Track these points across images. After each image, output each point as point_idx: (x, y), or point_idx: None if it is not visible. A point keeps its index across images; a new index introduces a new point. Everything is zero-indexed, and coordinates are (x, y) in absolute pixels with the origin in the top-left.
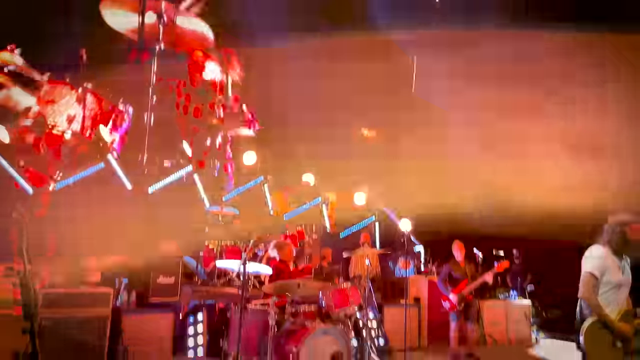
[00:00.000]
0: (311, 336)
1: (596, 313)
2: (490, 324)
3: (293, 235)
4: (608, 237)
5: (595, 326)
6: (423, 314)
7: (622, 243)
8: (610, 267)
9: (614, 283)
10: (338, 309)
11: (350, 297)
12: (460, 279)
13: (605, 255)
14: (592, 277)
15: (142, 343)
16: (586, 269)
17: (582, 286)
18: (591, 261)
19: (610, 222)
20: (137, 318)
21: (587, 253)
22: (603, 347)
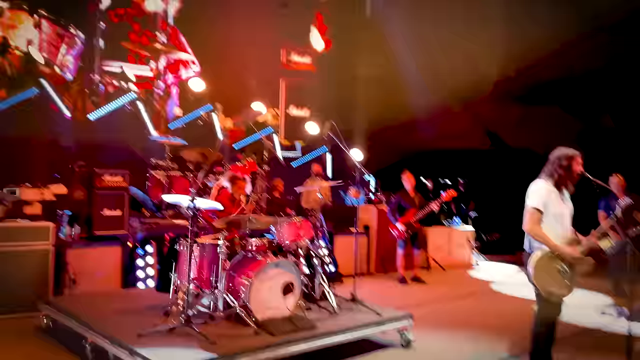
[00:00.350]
0: (263, 269)
1: (543, 243)
2: (435, 249)
3: (244, 166)
4: (552, 169)
5: (544, 258)
6: (372, 242)
7: (566, 176)
8: (553, 200)
9: (557, 214)
10: (290, 242)
11: (302, 230)
12: (408, 208)
13: (548, 188)
14: (537, 211)
15: (89, 277)
16: (530, 204)
17: (528, 220)
18: (535, 195)
19: (555, 155)
20: (83, 252)
21: (531, 187)
22: (551, 277)
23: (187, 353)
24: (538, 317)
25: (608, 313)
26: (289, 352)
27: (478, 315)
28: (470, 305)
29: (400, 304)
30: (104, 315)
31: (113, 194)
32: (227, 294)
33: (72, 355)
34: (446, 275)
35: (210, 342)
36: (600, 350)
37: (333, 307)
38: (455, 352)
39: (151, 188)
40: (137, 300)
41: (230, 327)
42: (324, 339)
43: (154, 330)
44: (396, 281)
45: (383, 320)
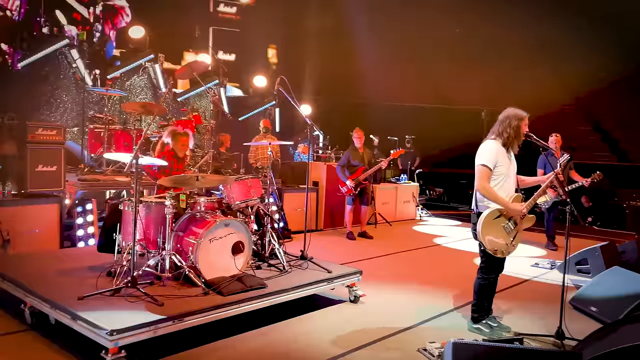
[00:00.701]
0: (212, 228)
1: (493, 200)
2: (381, 205)
3: (189, 120)
4: (501, 129)
5: (490, 216)
6: (321, 198)
7: (514, 137)
8: (502, 159)
9: (504, 173)
10: (239, 201)
11: (252, 188)
12: (358, 166)
13: (497, 147)
14: (487, 169)
15: (24, 236)
16: (480, 162)
17: (478, 178)
18: (485, 154)
19: (504, 115)
20: (16, 210)
21: (482, 146)
22: (496, 234)
23: (134, 315)
24: (482, 272)
25: (541, 265)
26: (239, 311)
27: (423, 269)
28: (416, 259)
29: (348, 259)
30: (42, 277)
31: (48, 149)
32: (174, 255)
33: (9, 319)
34: (392, 230)
35: (158, 304)
36: (535, 300)
37: (283, 265)
38: (401, 305)
39: (89, 142)
40: (77, 261)
41: (178, 288)
42: (273, 297)
43: (97, 292)
44: (344, 237)
45: (332, 277)
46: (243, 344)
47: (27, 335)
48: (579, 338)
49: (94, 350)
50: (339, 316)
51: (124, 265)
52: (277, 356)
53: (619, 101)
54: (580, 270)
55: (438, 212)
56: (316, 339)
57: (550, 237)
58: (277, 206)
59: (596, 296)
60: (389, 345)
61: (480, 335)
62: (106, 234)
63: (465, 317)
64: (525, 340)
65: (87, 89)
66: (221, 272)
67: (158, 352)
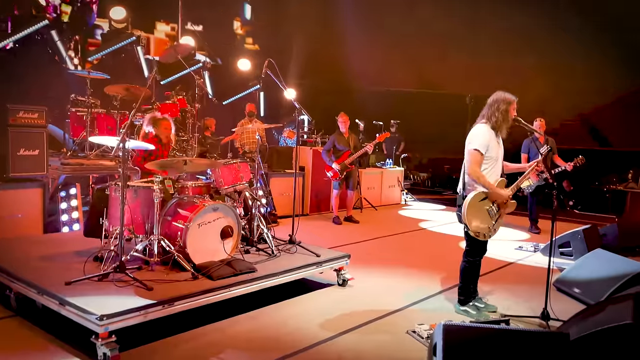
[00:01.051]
0: (200, 212)
1: (483, 184)
2: (367, 190)
3: (174, 103)
4: (490, 113)
5: (475, 199)
6: (307, 183)
7: (502, 121)
8: (491, 143)
9: (494, 158)
10: (227, 186)
11: (241, 173)
12: (343, 150)
13: (488, 132)
14: (479, 154)
15: (7, 222)
16: (473, 147)
17: (470, 163)
18: (477, 138)
19: (493, 99)
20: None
21: (473, 131)
22: (480, 217)
23: (123, 300)
24: (467, 255)
25: (525, 248)
26: (228, 295)
27: (409, 253)
28: (402, 243)
29: (335, 243)
30: (27, 262)
31: (29, 132)
32: (163, 239)
33: None
34: (378, 214)
35: (147, 289)
36: (520, 282)
37: (272, 249)
38: (389, 288)
39: (71, 125)
40: (62, 246)
41: (167, 273)
42: (263, 281)
43: (85, 277)
44: (330, 221)
45: (321, 261)
46: (232, 328)
47: (14, 321)
48: (563, 319)
49: (82, 335)
50: (327, 299)
51: (112, 250)
52: (267, 340)
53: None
54: (563, 253)
55: (423, 196)
56: (305, 322)
57: (533, 221)
58: (264, 191)
59: (579, 278)
60: (378, 328)
61: (467, 317)
62: (93, 218)
63: (452, 300)
64: (511, 321)
65: (69, 72)
66: (210, 256)
67: (147, 337)
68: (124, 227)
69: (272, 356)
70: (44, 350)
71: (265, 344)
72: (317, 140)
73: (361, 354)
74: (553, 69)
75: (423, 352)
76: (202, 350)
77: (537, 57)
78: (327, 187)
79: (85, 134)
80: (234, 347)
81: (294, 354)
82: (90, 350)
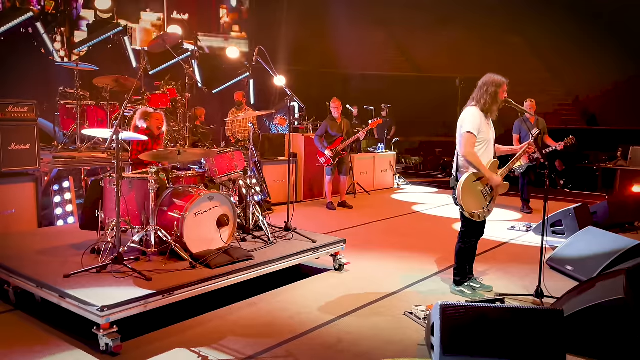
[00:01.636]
0: (196, 202)
1: (477, 167)
2: (360, 175)
3: (164, 94)
4: (478, 96)
5: (469, 180)
6: (300, 170)
7: (492, 103)
8: (482, 125)
9: (486, 139)
10: (222, 174)
11: (235, 161)
12: (336, 136)
13: (478, 114)
14: (472, 136)
15: (0, 216)
16: (465, 129)
17: (464, 145)
18: (468, 121)
19: (483, 82)
20: None
21: (464, 114)
22: (475, 198)
23: (122, 291)
24: (463, 236)
25: (517, 228)
26: (227, 283)
27: (403, 236)
28: (396, 227)
29: (330, 229)
30: (24, 256)
31: (20, 126)
32: (159, 230)
33: None
34: (371, 199)
35: (146, 279)
36: (513, 262)
37: (268, 236)
38: (385, 271)
39: (61, 118)
40: (58, 240)
41: (165, 263)
42: (260, 268)
43: (84, 269)
44: (324, 207)
45: (317, 246)
46: (233, 315)
47: (13, 315)
48: (557, 296)
49: (82, 326)
50: (325, 284)
51: (109, 242)
52: (267, 326)
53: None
54: (555, 232)
55: (415, 180)
56: (304, 307)
57: (525, 201)
58: (257, 179)
59: (571, 256)
60: (376, 310)
61: (463, 297)
62: (88, 211)
63: (448, 281)
64: (506, 300)
65: (56, 64)
66: (207, 245)
67: (148, 327)
68: (120, 218)
69: (273, 341)
70: (46, 344)
71: (266, 329)
72: (309, 127)
73: (360, 337)
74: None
75: (421, 332)
76: (203, 337)
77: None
78: (320, 174)
79: (76, 126)
80: (235, 334)
81: (294, 339)
82: (92, 342)
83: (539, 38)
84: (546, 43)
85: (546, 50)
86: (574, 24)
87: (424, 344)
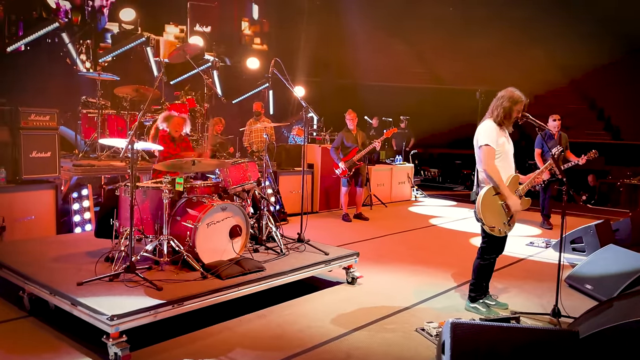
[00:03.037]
0: (209, 212)
1: (497, 184)
2: (376, 187)
3: (183, 103)
4: (494, 107)
5: (490, 195)
6: (316, 180)
7: (503, 117)
8: (501, 138)
9: (504, 152)
10: (235, 185)
11: (248, 172)
12: (351, 147)
13: (493, 126)
14: (490, 148)
15: (20, 223)
16: (483, 142)
17: (484, 159)
18: (484, 134)
19: (500, 95)
20: (12, 197)
21: (481, 127)
22: (495, 213)
23: (133, 300)
24: (482, 252)
25: (536, 244)
26: (237, 294)
27: (419, 250)
28: (412, 240)
29: (344, 241)
30: (40, 263)
31: (41, 135)
32: (172, 239)
33: (8, 306)
34: (387, 211)
35: (157, 289)
36: (531, 279)
37: (280, 248)
38: (398, 286)
39: (82, 127)
40: (74, 247)
41: (177, 273)
42: (272, 280)
43: (96, 278)
44: (340, 219)
45: (330, 259)
46: (242, 327)
47: (27, 321)
48: (575, 316)
49: (94, 334)
50: (337, 298)
51: (122, 251)
52: (276, 338)
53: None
54: (575, 249)
55: (433, 192)
56: (315, 320)
57: (545, 216)
58: (273, 189)
59: (591, 274)
60: (387, 326)
61: (477, 314)
62: (103, 219)
63: (462, 297)
64: (521, 318)
65: (79, 74)
66: (219, 255)
67: (158, 336)
68: (133, 227)
69: (282, 354)
70: (57, 351)
71: (275, 342)
72: (326, 138)
73: (370, 352)
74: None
75: (432, 350)
76: (212, 348)
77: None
78: (336, 185)
79: (96, 135)
80: (244, 346)
81: (303, 352)
82: (102, 350)
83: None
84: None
85: (569, 64)
86: (599, 40)
87: None
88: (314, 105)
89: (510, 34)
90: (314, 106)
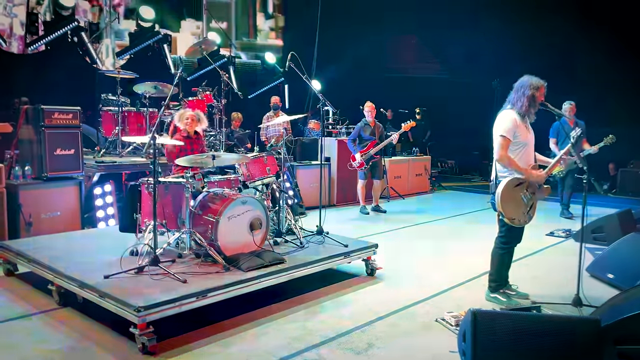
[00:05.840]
0: (230, 206)
1: (514, 169)
2: (394, 179)
3: (200, 100)
4: (516, 98)
5: (509, 186)
6: (333, 173)
7: (529, 106)
8: (519, 128)
9: (523, 143)
10: (255, 179)
11: (268, 166)
12: (368, 140)
13: (515, 117)
14: (506, 139)
15: (46, 219)
16: (500, 133)
17: (499, 149)
18: (502, 125)
19: (520, 84)
20: (37, 193)
21: (499, 117)
22: (515, 204)
23: (159, 292)
24: (500, 241)
25: (556, 234)
26: (259, 286)
27: (437, 241)
28: (430, 232)
29: (362, 233)
30: (67, 257)
31: (65, 133)
32: (194, 233)
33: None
34: (405, 203)
35: (181, 281)
36: (551, 268)
37: (300, 240)
38: (418, 276)
39: (103, 124)
40: (100, 241)
41: (199, 265)
42: (292, 272)
43: (122, 271)
44: (357, 211)
45: (349, 251)
46: (264, 318)
47: (56, 313)
48: (596, 305)
49: (122, 325)
50: (357, 289)
51: (146, 245)
52: (297, 329)
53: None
54: (596, 238)
55: (451, 184)
56: (335, 311)
57: (565, 206)
58: (291, 182)
59: (613, 263)
60: (407, 316)
61: (498, 304)
62: (127, 214)
63: (482, 287)
64: (542, 308)
65: (99, 72)
66: (240, 248)
67: (183, 327)
68: (156, 221)
69: (303, 344)
70: (88, 340)
71: (297, 332)
72: (342, 131)
73: (391, 342)
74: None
75: (453, 339)
76: (237, 338)
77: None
78: (354, 177)
79: (117, 132)
80: (267, 336)
81: (324, 343)
82: (130, 340)
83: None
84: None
85: (584, 51)
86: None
87: (455, 351)
88: (330, 98)
89: (528, 23)
90: (330, 99)
